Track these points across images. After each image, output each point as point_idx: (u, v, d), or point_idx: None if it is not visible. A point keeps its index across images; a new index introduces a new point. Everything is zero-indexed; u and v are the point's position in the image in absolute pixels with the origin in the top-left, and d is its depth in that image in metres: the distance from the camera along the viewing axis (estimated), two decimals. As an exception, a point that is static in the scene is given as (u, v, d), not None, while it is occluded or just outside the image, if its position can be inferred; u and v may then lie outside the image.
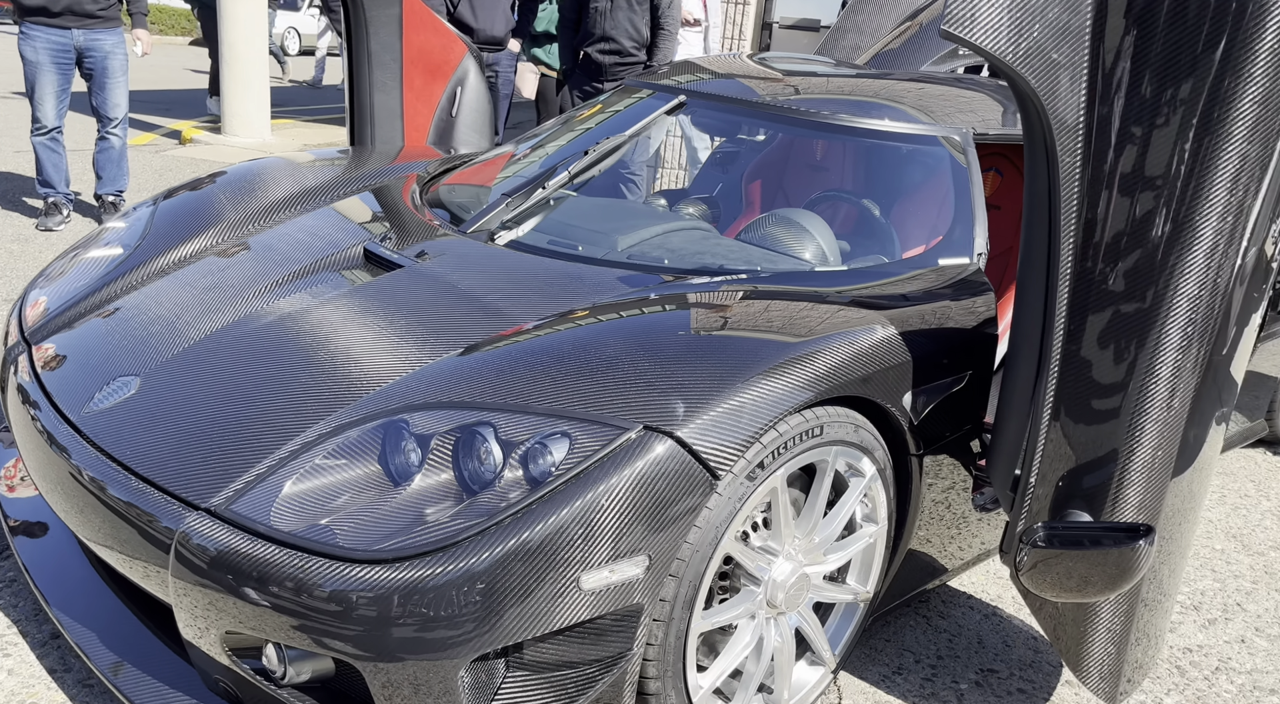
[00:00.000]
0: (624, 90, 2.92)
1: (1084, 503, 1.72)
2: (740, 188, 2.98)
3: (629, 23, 4.88)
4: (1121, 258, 1.59)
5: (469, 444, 1.52)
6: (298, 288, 2.05)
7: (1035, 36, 1.51)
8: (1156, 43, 1.49)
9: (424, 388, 1.65)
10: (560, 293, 1.96)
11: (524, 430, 1.54)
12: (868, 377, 1.75)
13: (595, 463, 1.48)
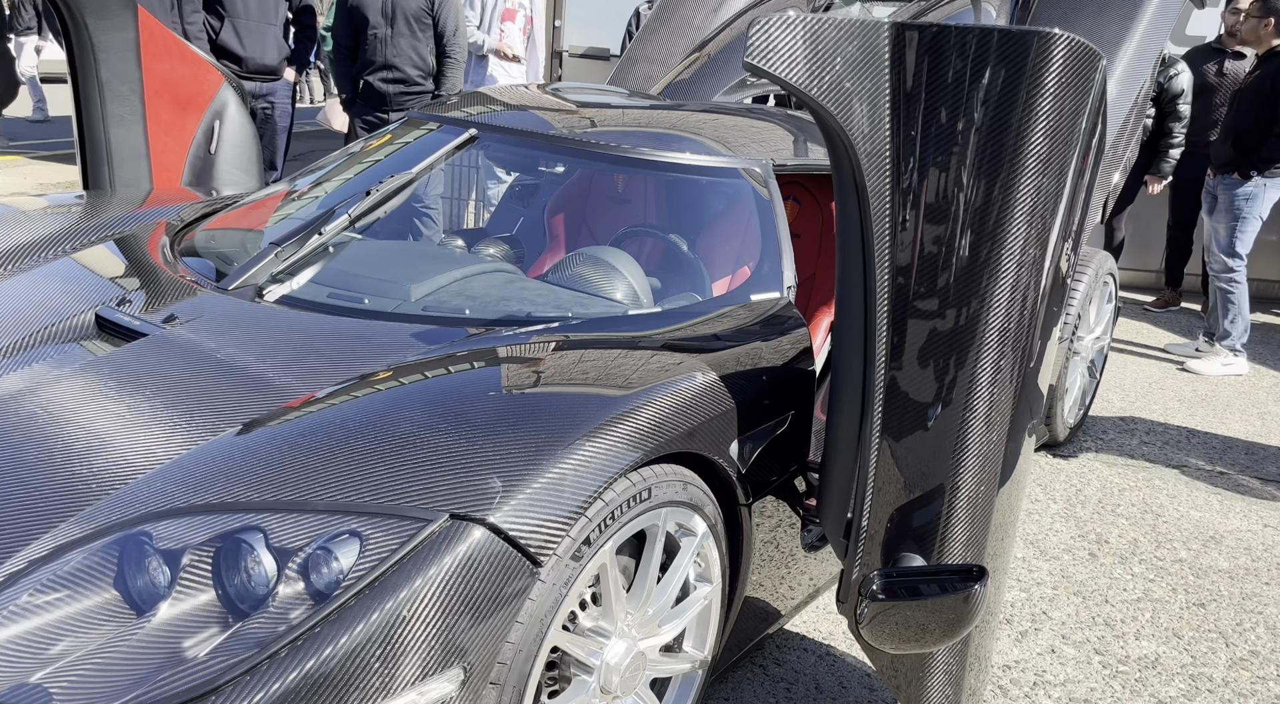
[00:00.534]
0: (409, 123, 2.70)
1: (915, 543, 1.68)
2: (543, 223, 2.83)
3: (413, 50, 4.64)
4: (936, 287, 1.56)
5: (233, 556, 1.26)
6: (11, 366, 1.69)
7: (837, 70, 1.46)
8: (951, 76, 1.48)
9: (172, 488, 1.36)
10: (343, 357, 1.71)
11: (303, 533, 1.29)
12: (694, 430, 1.63)
13: (393, 566, 1.26)
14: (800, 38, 1.40)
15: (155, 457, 1.45)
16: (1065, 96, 1.45)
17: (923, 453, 1.63)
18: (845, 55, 1.43)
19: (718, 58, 3.78)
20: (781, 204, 2.34)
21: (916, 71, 1.46)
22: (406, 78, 4.66)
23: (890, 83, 1.46)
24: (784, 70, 1.41)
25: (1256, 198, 4.67)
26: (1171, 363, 4.96)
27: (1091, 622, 2.59)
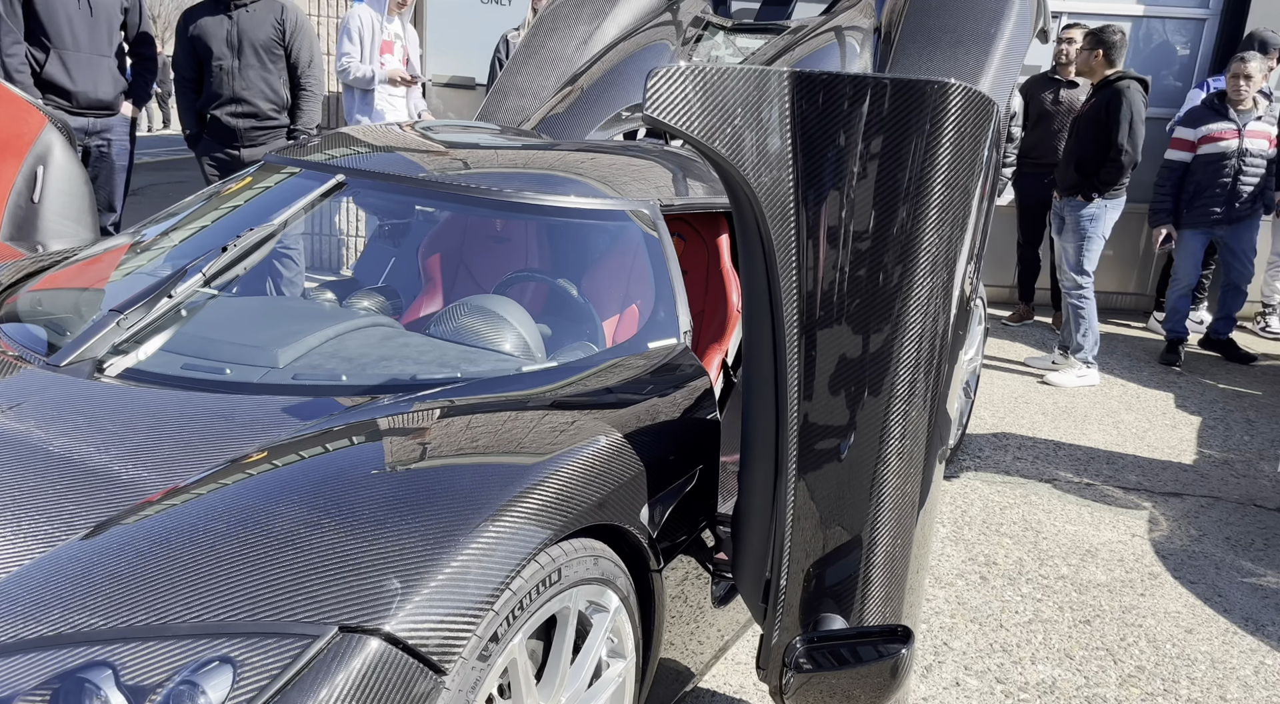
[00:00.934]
0: (266, 167, 2.49)
1: (833, 602, 1.62)
2: (417, 267, 2.67)
3: (263, 82, 4.36)
4: (846, 331, 1.51)
5: (74, 701, 1.06)
6: None
7: (736, 121, 1.40)
8: (852, 124, 1.44)
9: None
10: (203, 441, 1.52)
11: (161, 665, 1.11)
12: (603, 499, 1.52)
13: (275, 695, 1.10)
14: (698, 89, 1.34)
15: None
16: (964, 140, 1.44)
17: (839, 494, 1.57)
18: (744, 105, 1.37)
19: (591, 92, 3.71)
20: (672, 246, 2.27)
21: (816, 120, 1.42)
22: (258, 111, 4.38)
23: (791, 132, 1.40)
24: (683, 122, 1.34)
25: (1099, 218, 4.96)
26: (1033, 376, 5.20)
27: (990, 649, 2.62)
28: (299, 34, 4.41)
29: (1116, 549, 3.28)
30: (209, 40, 4.28)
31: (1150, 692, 2.49)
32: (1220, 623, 2.85)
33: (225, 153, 4.40)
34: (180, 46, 4.36)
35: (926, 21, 3.63)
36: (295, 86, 4.46)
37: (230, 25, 4.31)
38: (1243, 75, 5.02)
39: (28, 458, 1.45)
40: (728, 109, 1.35)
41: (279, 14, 4.37)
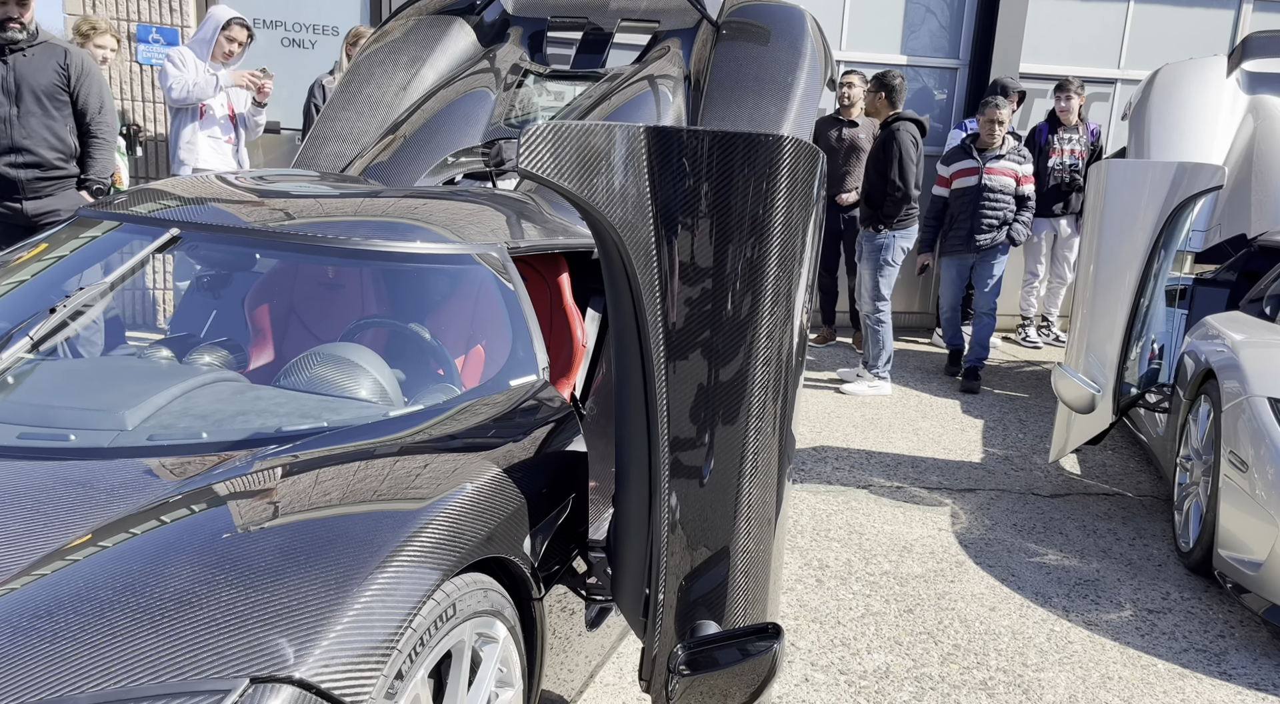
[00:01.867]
0: (80, 223, 2.37)
1: (706, 610, 1.76)
2: (245, 318, 2.61)
3: (47, 130, 4.07)
4: (706, 356, 1.65)
5: None
6: None
7: (603, 173, 1.52)
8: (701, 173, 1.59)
9: None
10: (64, 512, 1.46)
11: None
12: (491, 534, 1.59)
13: None
14: (568, 144, 1.45)
15: None
16: (797, 185, 1.62)
17: (708, 511, 1.71)
18: (607, 158, 1.50)
19: (414, 139, 3.74)
20: (523, 286, 2.36)
21: (670, 171, 1.56)
22: (42, 161, 4.08)
23: (649, 181, 1.55)
24: (554, 174, 1.45)
25: (889, 247, 5.48)
26: (842, 394, 5.64)
27: (831, 644, 2.85)
28: (85, 79, 4.17)
29: (928, 543, 3.63)
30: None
31: (966, 665, 2.80)
32: (1016, 600, 3.23)
33: (5, 206, 4.07)
34: None
35: (731, 72, 3.93)
36: (85, 134, 4.19)
37: (5, 71, 4.01)
38: (995, 120, 5.70)
39: None
40: (594, 162, 1.48)
41: (62, 58, 4.12)
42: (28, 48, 4.03)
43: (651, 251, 1.57)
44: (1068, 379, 3.90)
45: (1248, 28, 7.99)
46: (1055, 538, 3.77)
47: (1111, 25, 7.80)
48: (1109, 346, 3.80)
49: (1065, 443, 4.08)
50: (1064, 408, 4.08)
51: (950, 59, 7.62)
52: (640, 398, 1.67)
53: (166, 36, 5.69)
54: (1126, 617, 3.15)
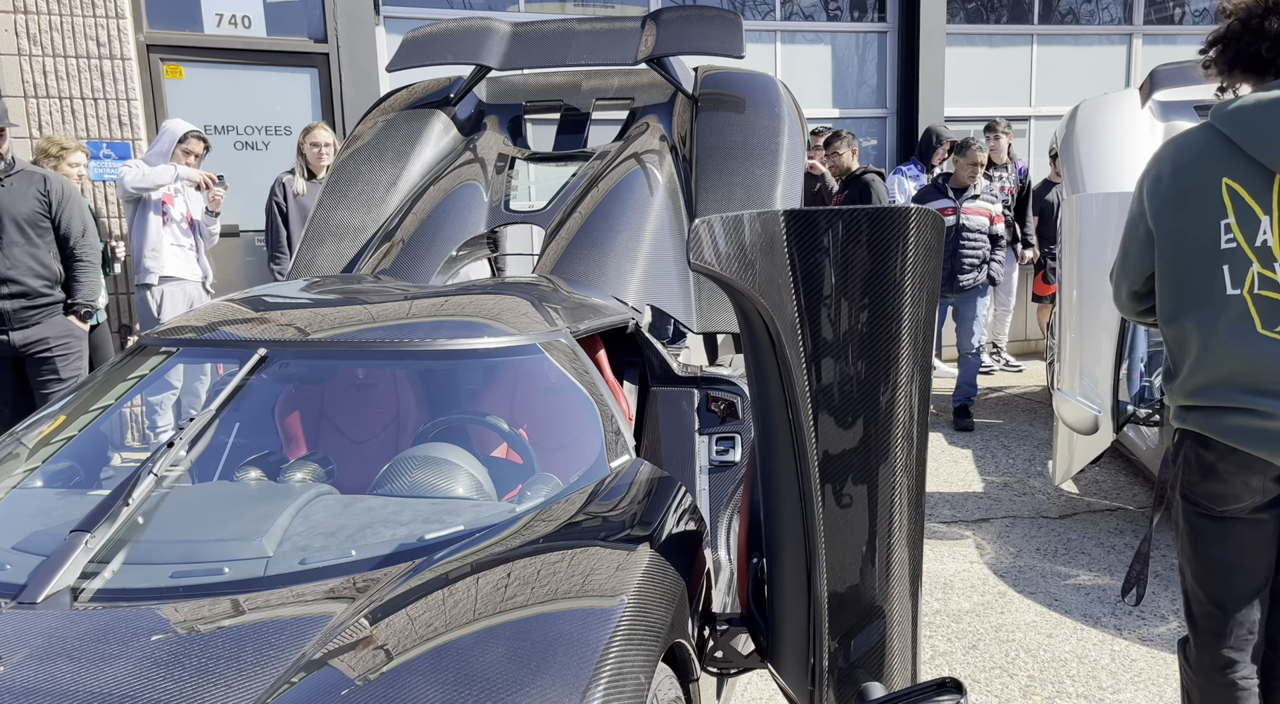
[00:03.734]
0: (145, 351, 2.32)
1: (866, 672, 1.79)
2: (289, 429, 2.56)
3: (31, 259, 3.97)
4: (850, 424, 1.70)
5: None
6: None
7: (752, 257, 1.60)
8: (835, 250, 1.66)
9: None
10: (262, 644, 1.42)
11: None
12: (673, 621, 1.60)
13: None
14: (726, 234, 1.52)
15: None
16: (926, 252, 1.70)
17: (861, 578, 1.76)
18: (756, 244, 1.57)
19: (413, 243, 3.75)
20: (597, 372, 2.39)
21: (809, 249, 1.64)
22: (28, 290, 3.98)
23: (788, 261, 1.62)
24: (718, 264, 1.52)
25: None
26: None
27: (915, 689, 2.89)
28: (67, 204, 4.10)
29: (966, 577, 3.73)
30: None
31: (1047, 696, 2.87)
32: (1068, 624, 3.33)
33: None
34: None
35: (717, 141, 4.07)
36: (69, 258, 4.11)
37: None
38: (977, 162, 5.88)
39: None
40: (746, 248, 1.55)
41: (41, 186, 4.04)
42: (5, 177, 3.94)
43: (796, 328, 1.64)
44: (1069, 402, 4.09)
45: (1139, 59, 8.65)
46: (1080, 558, 3.91)
47: (1020, 67, 8.34)
48: (1100, 367, 4.01)
49: (1070, 465, 4.25)
50: (1064, 431, 4.26)
51: (879, 109, 8.02)
52: (791, 469, 1.72)
53: (118, 151, 5.60)
54: (1175, 627, 3.27)
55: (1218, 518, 1.99)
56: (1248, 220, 1.88)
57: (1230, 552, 1.98)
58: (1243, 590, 1.99)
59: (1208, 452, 1.97)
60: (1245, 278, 1.89)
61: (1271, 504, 1.94)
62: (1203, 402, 1.96)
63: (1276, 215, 1.85)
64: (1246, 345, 1.87)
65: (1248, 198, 1.88)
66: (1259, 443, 1.88)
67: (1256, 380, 1.88)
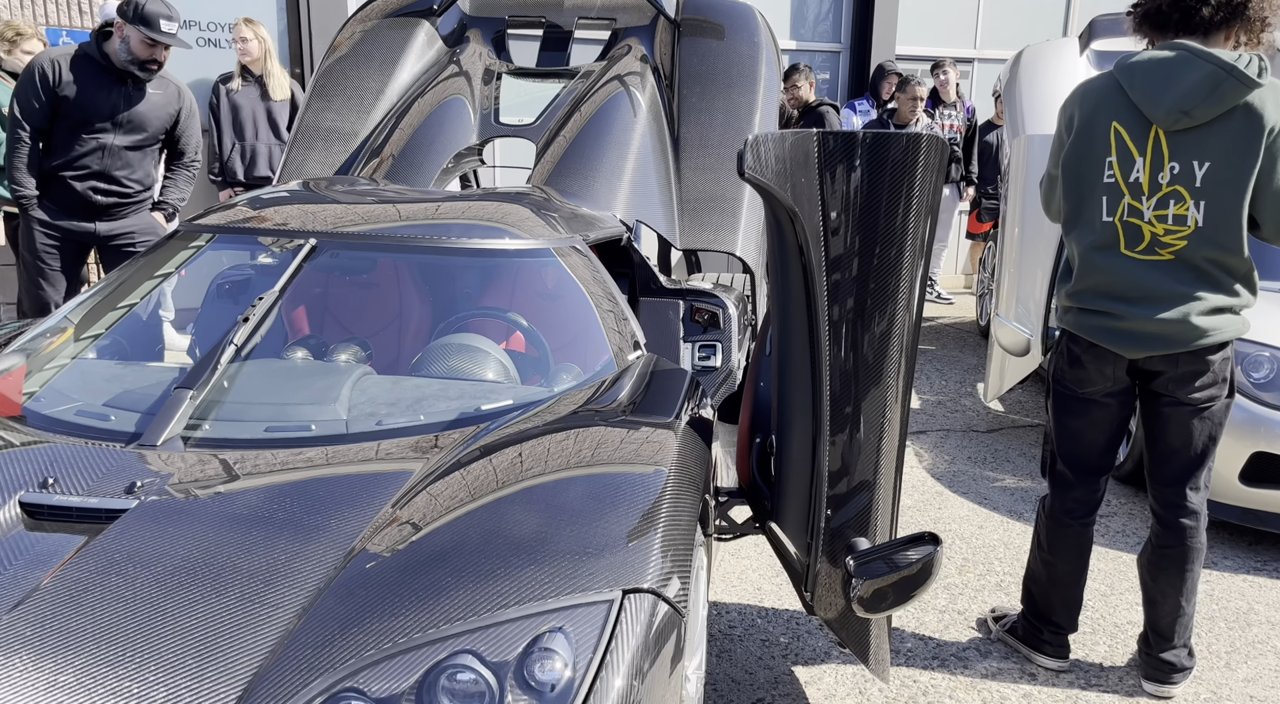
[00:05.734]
0: (186, 237, 2.47)
1: (855, 530, 2.11)
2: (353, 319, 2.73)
3: (140, 165, 4.12)
4: (862, 313, 1.97)
5: (451, 683, 1.26)
6: None
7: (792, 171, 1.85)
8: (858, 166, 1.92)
9: (334, 639, 1.30)
10: (369, 485, 1.66)
11: (508, 644, 1.32)
12: (704, 480, 1.89)
13: (605, 648, 1.36)
14: (773, 150, 1.77)
15: (273, 619, 1.32)
16: (931, 170, 1.97)
17: (857, 455, 2.07)
18: (795, 159, 1.82)
19: (403, 157, 3.87)
20: (608, 274, 2.63)
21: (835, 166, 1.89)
22: (127, 191, 4.05)
23: (819, 174, 1.88)
24: (761, 174, 1.77)
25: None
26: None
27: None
28: (190, 119, 4.20)
29: (908, 478, 4.14)
30: (90, 109, 3.86)
31: (980, 573, 3.30)
32: (996, 518, 3.77)
33: (79, 225, 4.00)
34: (32, 92, 3.82)
35: (700, 68, 4.26)
36: (174, 164, 4.23)
37: (124, 104, 3.94)
38: (917, 97, 6.21)
39: (224, 523, 1.49)
40: (792, 173, 1.80)
41: (175, 99, 4.11)
42: (151, 89, 4.01)
43: (820, 234, 1.91)
44: (1005, 326, 4.49)
45: (1078, 8, 9.01)
46: (1006, 465, 4.36)
47: (968, 10, 8.62)
48: (1034, 297, 4.41)
49: (1001, 384, 4.69)
50: (998, 353, 4.68)
51: (833, 44, 8.23)
52: (806, 358, 2.00)
53: (77, 39, 5.47)
54: (1086, 521, 3.74)
55: (1079, 398, 2.51)
56: (1126, 160, 2.31)
57: (1084, 425, 2.53)
58: (1088, 454, 2.55)
59: (1075, 346, 2.48)
60: (1118, 208, 2.33)
61: (1120, 392, 2.47)
62: (1076, 304, 2.46)
63: (1149, 157, 2.27)
64: (1111, 261, 2.35)
65: (1129, 141, 2.30)
66: (1112, 339, 2.39)
67: (1114, 289, 2.36)
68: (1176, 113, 2.20)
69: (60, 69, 3.86)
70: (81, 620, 1.30)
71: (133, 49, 3.85)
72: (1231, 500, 3.48)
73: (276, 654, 1.28)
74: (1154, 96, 2.22)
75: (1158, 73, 2.23)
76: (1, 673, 1.21)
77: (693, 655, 1.84)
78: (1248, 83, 2.14)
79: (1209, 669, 2.71)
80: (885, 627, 2.28)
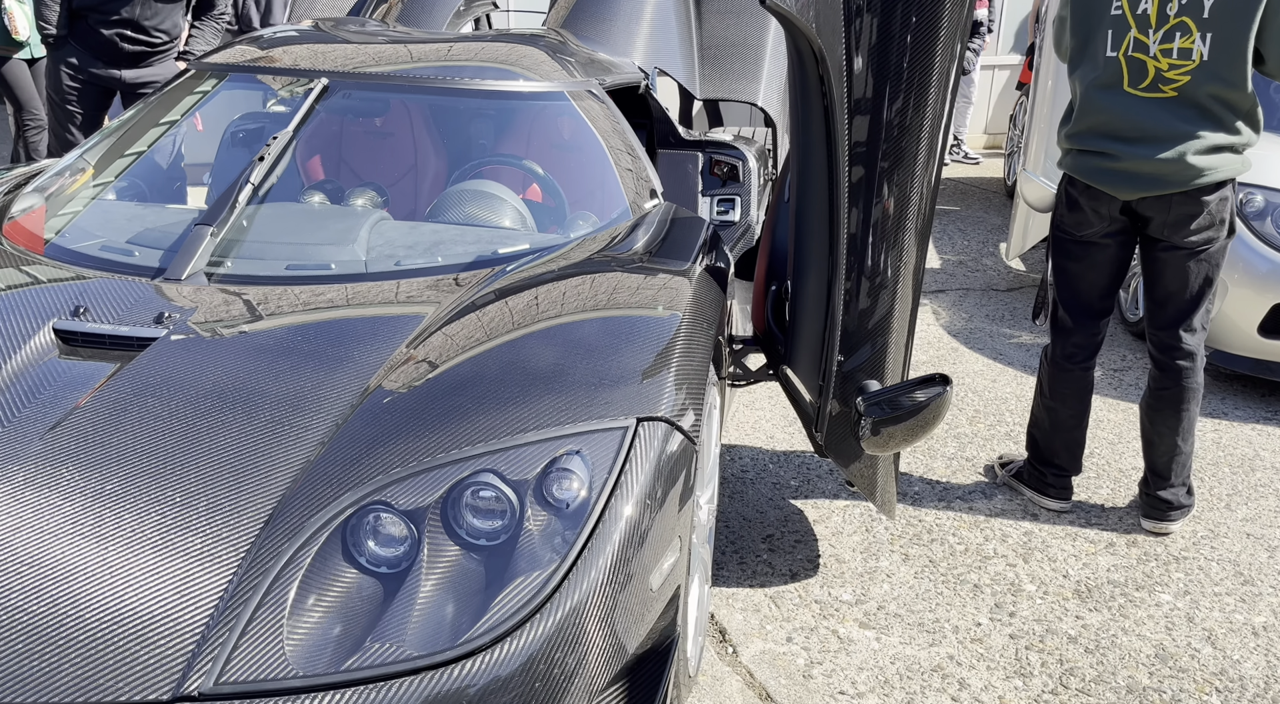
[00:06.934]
0: (196, 76, 2.43)
1: (866, 373, 2.15)
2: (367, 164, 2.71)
3: (167, 17, 4.04)
4: (881, 154, 1.93)
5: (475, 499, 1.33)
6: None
7: (821, 10, 1.78)
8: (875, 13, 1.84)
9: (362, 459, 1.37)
10: (390, 319, 1.69)
11: (528, 464, 1.38)
12: (718, 321, 1.91)
13: (620, 469, 1.42)
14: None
15: (302, 440, 1.39)
16: (957, 5, 1.89)
17: (871, 299, 2.07)
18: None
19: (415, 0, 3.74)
20: (624, 119, 2.58)
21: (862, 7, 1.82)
22: (154, 40, 4.01)
23: (843, 5, 1.81)
24: (790, 6, 1.71)
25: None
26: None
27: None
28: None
29: (922, 336, 4.16)
30: None
31: (990, 423, 3.36)
32: (1010, 372, 3.80)
33: (106, 72, 3.98)
34: None
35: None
36: (202, 14, 4.17)
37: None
38: None
39: (252, 351, 1.54)
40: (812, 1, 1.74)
41: None
42: None
43: (844, 68, 1.85)
44: (1032, 182, 4.40)
45: None
46: (1023, 323, 4.37)
47: None
48: (1064, 152, 4.29)
49: (1025, 241, 4.63)
50: (1023, 209, 4.60)
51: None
52: (824, 201, 1.98)
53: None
54: (1099, 376, 3.76)
55: (1078, 241, 2.54)
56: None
57: (1084, 267, 2.55)
58: (1088, 297, 2.58)
59: (1072, 188, 2.50)
60: (1123, 42, 2.31)
61: (1117, 233, 2.48)
62: (1075, 146, 2.46)
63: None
64: (1112, 99, 2.34)
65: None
66: (1105, 179, 2.40)
67: (1113, 128, 2.36)
68: None
69: None
70: (121, 437, 1.36)
71: None
72: (1248, 352, 3.49)
73: (307, 470, 1.35)
74: None
75: None
76: (49, 483, 1.29)
77: (705, 487, 1.92)
78: None
79: (1209, 509, 2.79)
80: (892, 468, 2.35)
